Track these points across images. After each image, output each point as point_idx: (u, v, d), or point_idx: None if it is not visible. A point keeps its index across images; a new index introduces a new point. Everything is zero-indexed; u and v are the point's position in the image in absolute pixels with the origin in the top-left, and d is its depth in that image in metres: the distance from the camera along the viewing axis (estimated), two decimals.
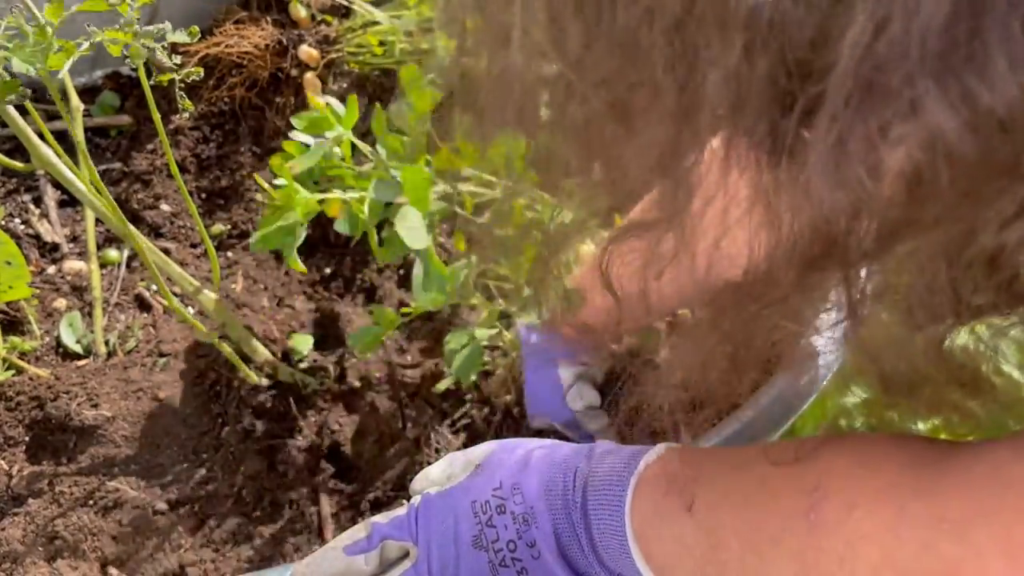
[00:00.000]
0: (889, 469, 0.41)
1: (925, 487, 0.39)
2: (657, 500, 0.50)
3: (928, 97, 0.24)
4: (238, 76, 1.13)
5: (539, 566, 0.53)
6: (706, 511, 0.48)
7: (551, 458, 0.56)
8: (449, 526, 0.55)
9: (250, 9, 1.18)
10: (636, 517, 0.50)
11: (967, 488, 0.38)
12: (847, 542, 0.41)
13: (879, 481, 0.41)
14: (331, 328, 0.98)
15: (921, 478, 0.40)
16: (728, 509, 0.47)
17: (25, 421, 0.89)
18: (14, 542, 0.81)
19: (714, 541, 0.47)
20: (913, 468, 0.41)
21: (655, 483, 0.51)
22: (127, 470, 0.87)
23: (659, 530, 0.50)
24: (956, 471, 0.39)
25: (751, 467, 0.49)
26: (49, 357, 0.96)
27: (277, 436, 0.86)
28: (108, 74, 1.19)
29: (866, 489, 0.41)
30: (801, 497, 0.43)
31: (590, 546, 0.52)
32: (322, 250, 1.09)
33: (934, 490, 0.39)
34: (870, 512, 0.40)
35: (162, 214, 1.08)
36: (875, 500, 0.40)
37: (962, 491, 0.38)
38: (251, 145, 1.12)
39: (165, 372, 0.92)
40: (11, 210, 1.08)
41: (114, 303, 1.00)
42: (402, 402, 0.91)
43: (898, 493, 0.40)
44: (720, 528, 0.47)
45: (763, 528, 0.45)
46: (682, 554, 0.48)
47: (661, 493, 0.51)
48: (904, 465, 0.41)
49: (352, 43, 1.11)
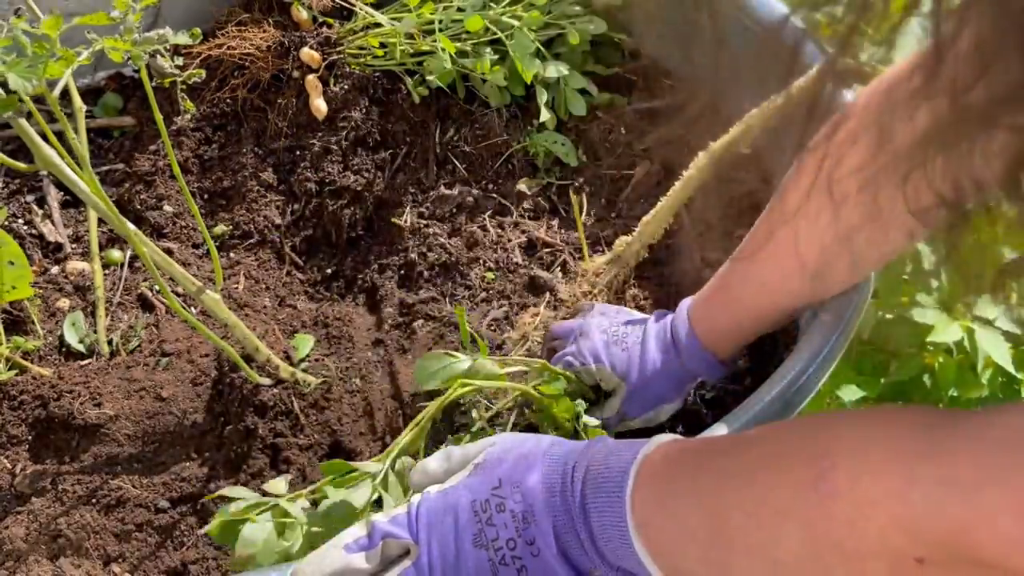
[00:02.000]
0: (898, 435, 0.42)
1: (935, 450, 0.39)
2: (658, 489, 0.51)
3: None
4: (240, 77, 1.13)
5: (539, 564, 0.54)
6: (710, 493, 0.49)
7: (550, 456, 0.56)
8: (449, 525, 0.56)
9: (252, 11, 1.18)
10: (637, 508, 0.51)
11: (978, 451, 0.38)
12: (856, 506, 0.41)
13: (888, 446, 0.41)
14: (332, 328, 0.99)
15: (931, 441, 0.40)
16: (733, 488, 0.48)
17: (28, 420, 0.90)
18: (17, 540, 0.82)
19: (719, 522, 0.47)
20: (922, 432, 0.41)
21: (655, 473, 0.52)
22: (130, 469, 0.87)
23: (661, 519, 0.50)
24: (966, 434, 0.39)
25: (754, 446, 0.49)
26: (52, 357, 0.96)
27: (279, 435, 0.87)
28: (111, 75, 1.19)
29: (874, 455, 0.41)
30: (809, 468, 0.43)
31: (590, 541, 0.53)
32: (323, 250, 1.10)
33: (943, 452, 0.39)
34: (879, 477, 0.41)
35: (164, 214, 1.09)
36: (884, 464, 0.41)
37: (972, 454, 0.38)
38: (253, 146, 1.13)
39: (167, 372, 0.92)
40: (14, 210, 1.08)
41: (117, 303, 1.01)
42: (403, 401, 0.91)
43: (907, 457, 0.40)
44: (725, 508, 0.47)
45: (770, 502, 0.45)
46: (686, 540, 0.49)
47: (662, 482, 0.51)
48: (912, 430, 0.41)
49: (353, 45, 1.12)
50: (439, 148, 1.12)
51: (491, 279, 1.01)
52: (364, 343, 0.98)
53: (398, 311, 1.01)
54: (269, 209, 1.10)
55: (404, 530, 0.56)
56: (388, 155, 1.11)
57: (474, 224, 1.06)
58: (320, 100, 1.10)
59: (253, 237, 1.09)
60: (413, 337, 0.97)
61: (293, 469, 0.86)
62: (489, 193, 1.09)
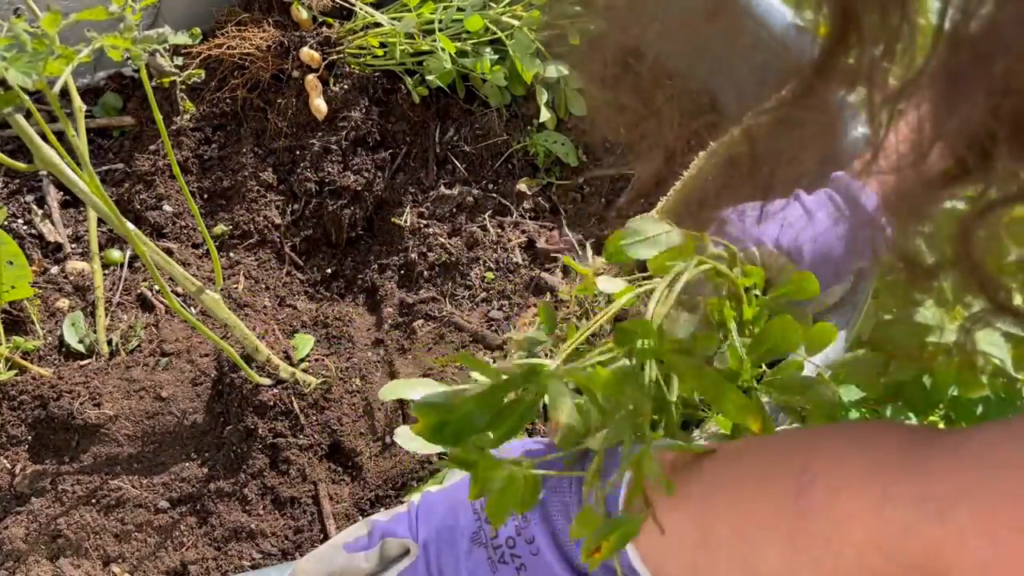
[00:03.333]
0: (876, 451, 0.41)
1: (911, 467, 0.39)
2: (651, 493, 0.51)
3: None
4: (240, 77, 1.13)
5: (538, 563, 0.54)
6: (698, 501, 0.49)
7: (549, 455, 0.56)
8: (449, 523, 0.56)
9: (252, 11, 1.18)
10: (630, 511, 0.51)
11: (952, 468, 0.37)
12: (833, 523, 0.41)
13: (865, 462, 0.41)
14: (332, 328, 0.99)
15: (908, 459, 0.40)
16: (720, 498, 0.48)
17: (28, 420, 0.90)
18: (17, 540, 0.82)
19: (706, 530, 0.47)
20: (900, 450, 0.41)
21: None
22: (129, 469, 0.87)
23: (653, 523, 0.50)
24: (943, 452, 0.39)
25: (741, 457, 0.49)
26: (52, 357, 0.96)
27: (279, 435, 0.87)
28: (110, 75, 1.19)
29: (852, 471, 0.41)
30: (790, 482, 0.43)
31: None
32: (323, 250, 1.10)
33: (919, 470, 0.39)
34: (856, 493, 0.40)
35: (164, 214, 1.09)
36: (861, 481, 0.40)
37: (947, 471, 0.37)
38: (253, 146, 1.13)
39: (167, 372, 0.92)
40: (14, 210, 1.08)
41: (117, 303, 1.01)
42: (403, 401, 0.91)
43: (883, 474, 0.40)
44: (712, 517, 0.47)
45: (754, 515, 0.45)
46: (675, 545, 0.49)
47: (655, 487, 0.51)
48: (892, 447, 0.41)
49: (353, 45, 1.12)
50: (439, 148, 1.12)
51: (491, 279, 1.01)
52: (364, 343, 0.98)
53: (398, 311, 1.01)
54: (269, 209, 1.10)
55: (404, 529, 0.56)
56: (388, 155, 1.11)
57: (474, 224, 1.06)
58: (320, 100, 1.10)
59: (253, 237, 1.09)
60: (413, 337, 0.97)
61: (293, 469, 0.86)
62: (489, 193, 1.09)
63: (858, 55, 0.31)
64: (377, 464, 0.88)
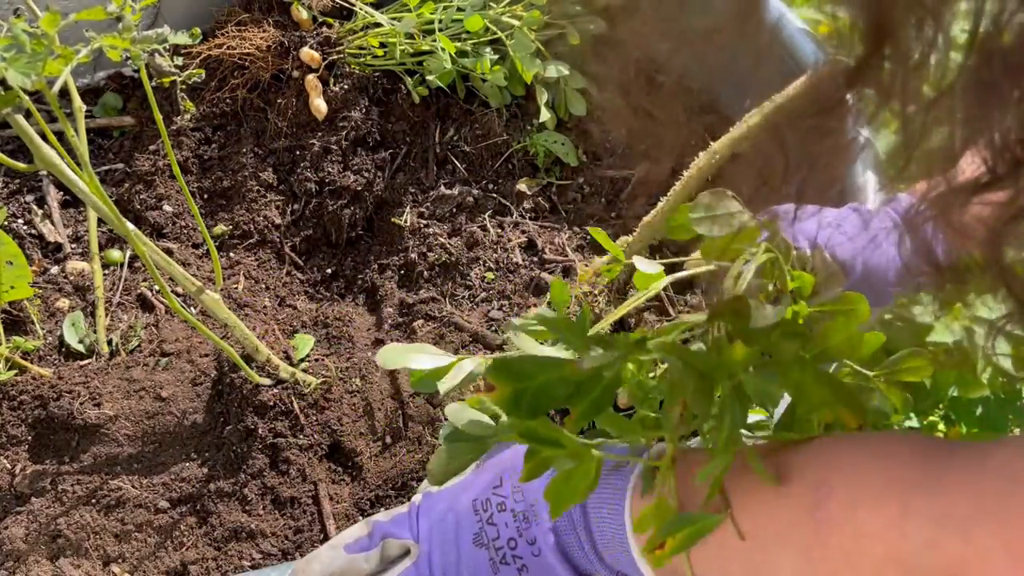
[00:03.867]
0: (894, 464, 0.41)
1: (931, 483, 0.39)
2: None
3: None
4: (240, 77, 1.13)
5: (539, 563, 0.54)
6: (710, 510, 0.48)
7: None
8: (450, 524, 0.56)
9: (252, 11, 1.18)
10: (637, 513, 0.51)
11: (974, 485, 0.37)
12: (852, 538, 0.41)
13: (884, 476, 0.41)
14: (332, 328, 0.99)
15: (927, 474, 0.40)
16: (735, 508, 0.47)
17: (28, 420, 0.90)
18: (17, 540, 0.82)
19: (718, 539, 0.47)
20: (918, 464, 0.40)
21: None
22: (129, 469, 0.87)
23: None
24: (962, 467, 0.39)
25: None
26: (52, 357, 0.96)
27: (279, 435, 0.87)
28: (110, 75, 1.19)
29: (870, 485, 0.41)
30: (807, 495, 0.43)
31: (590, 543, 0.53)
32: (323, 250, 1.10)
33: (939, 486, 0.39)
34: (875, 508, 0.40)
35: (164, 214, 1.09)
36: (880, 496, 0.40)
37: (968, 488, 0.37)
38: (253, 146, 1.13)
39: (167, 372, 0.92)
40: (14, 210, 1.08)
41: (117, 303, 1.01)
42: (403, 401, 0.91)
43: (902, 489, 0.40)
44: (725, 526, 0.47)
45: (769, 526, 0.45)
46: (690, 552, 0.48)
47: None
48: (909, 460, 0.41)
49: (353, 45, 1.12)
50: (439, 148, 1.12)
51: (491, 279, 1.01)
52: (364, 343, 0.98)
53: (398, 311, 1.01)
54: (269, 209, 1.09)
55: (404, 529, 0.56)
56: (388, 155, 1.11)
57: (474, 224, 1.06)
58: (320, 100, 1.10)
59: (253, 237, 1.09)
60: (413, 337, 0.97)
61: (293, 469, 0.86)
62: (489, 193, 1.09)
63: (892, 66, 0.32)
64: (377, 464, 0.88)
